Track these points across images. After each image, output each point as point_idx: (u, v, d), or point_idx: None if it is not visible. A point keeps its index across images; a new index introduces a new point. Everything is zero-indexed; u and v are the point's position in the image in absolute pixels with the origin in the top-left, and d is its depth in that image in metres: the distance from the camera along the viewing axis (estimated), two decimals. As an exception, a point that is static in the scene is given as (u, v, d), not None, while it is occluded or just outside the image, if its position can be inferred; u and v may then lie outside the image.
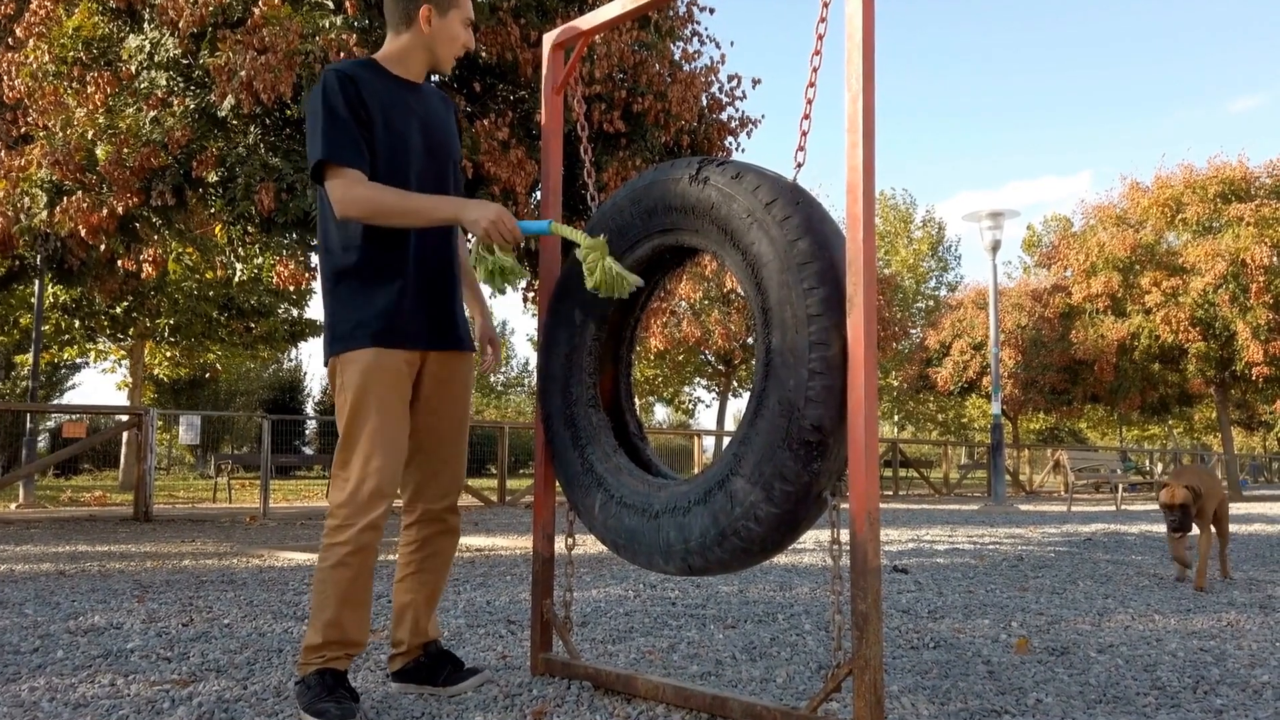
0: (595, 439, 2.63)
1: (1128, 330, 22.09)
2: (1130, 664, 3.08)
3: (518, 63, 6.92)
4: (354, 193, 2.35)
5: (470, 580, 5.04)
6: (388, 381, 2.41)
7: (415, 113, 2.52)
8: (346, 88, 2.40)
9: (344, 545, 2.36)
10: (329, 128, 2.37)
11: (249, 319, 21.29)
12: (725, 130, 8.09)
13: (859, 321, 2.08)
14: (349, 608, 2.37)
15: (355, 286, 2.45)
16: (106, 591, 4.57)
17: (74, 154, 6.99)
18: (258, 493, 12.58)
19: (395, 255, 2.45)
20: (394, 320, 2.43)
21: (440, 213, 2.37)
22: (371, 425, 2.38)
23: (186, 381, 28.50)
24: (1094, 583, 5.22)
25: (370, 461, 2.36)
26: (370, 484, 2.36)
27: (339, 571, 2.36)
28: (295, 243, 7.58)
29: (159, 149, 6.74)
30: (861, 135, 2.11)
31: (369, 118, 2.42)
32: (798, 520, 2.20)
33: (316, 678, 2.34)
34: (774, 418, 2.16)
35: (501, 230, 2.34)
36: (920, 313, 36.19)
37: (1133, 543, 8.04)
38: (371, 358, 2.41)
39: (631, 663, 3.03)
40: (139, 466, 10.09)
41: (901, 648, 3.32)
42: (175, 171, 6.86)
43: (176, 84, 6.92)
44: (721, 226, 2.33)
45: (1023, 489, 23.82)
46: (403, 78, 2.54)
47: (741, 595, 4.54)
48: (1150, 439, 42.24)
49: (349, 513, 2.36)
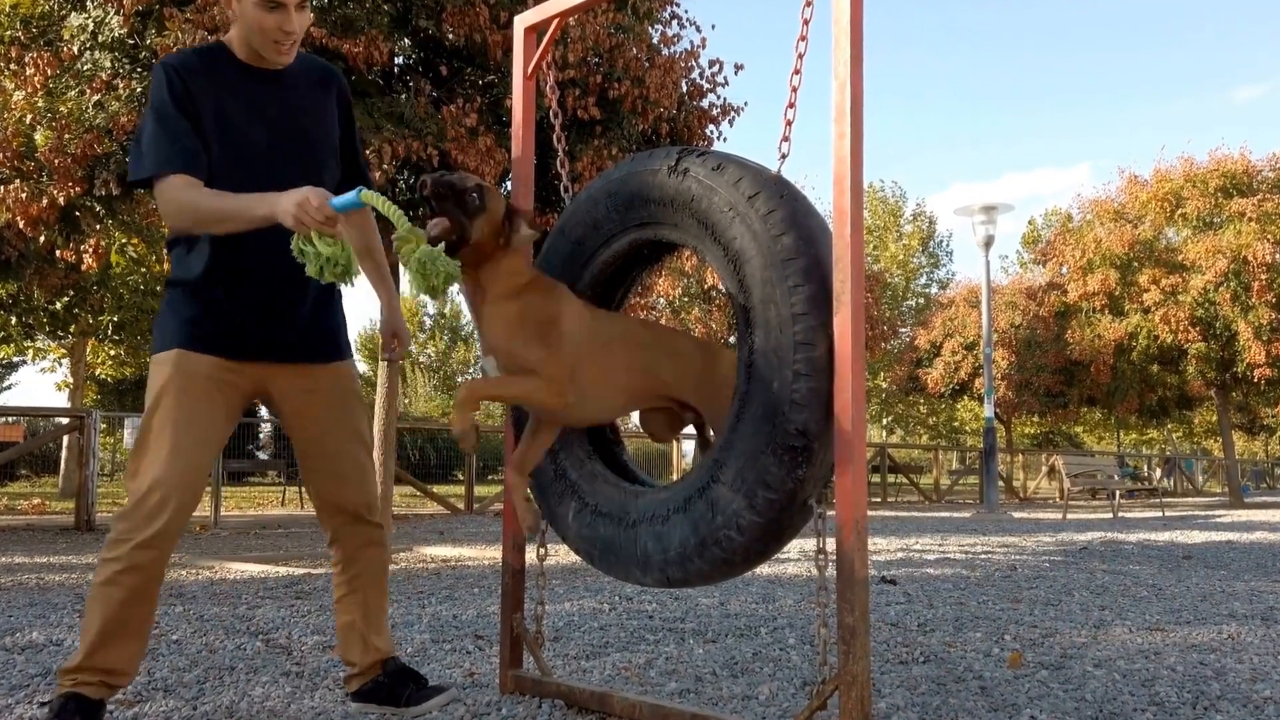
0: (568, 443, 2.63)
1: (1125, 330, 22.31)
2: (1128, 679, 3.12)
3: (487, 45, 6.90)
4: (174, 202, 2.27)
5: (436, 593, 5.02)
6: (189, 388, 2.32)
7: (264, 103, 2.40)
8: (173, 83, 2.31)
9: (116, 562, 2.24)
10: (153, 130, 2.29)
11: (199, 315, 21.10)
12: (706, 118, 8.11)
13: (846, 320, 2.09)
14: (114, 634, 2.25)
15: (180, 292, 2.39)
16: (45, 606, 4.52)
17: (11, 140, 6.90)
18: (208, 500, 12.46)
19: (231, 261, 2.36)
20: (208, 326, 2.36)
21: (257, 212, 2.21)
22: (164, 433, 2.28)
23: (131, 382, 28.19)
24: (1090, 594, 5.27)
25: (156, 471, 2.26)
26: (155, 496, 2.25)
27: (108, 590, 2.25)
28: (249, 234, 7.54)
29: (103, 135, 6.67)
30: (849, 125, 2.12)
31: (198, 112, 2.31)
32: (782, 529, 2.21)
33: (60, 703, 2.23)
34: (757, 421, 2.16)
35: (310, 213, 2.13)
36: (910, 311, 36.39)
37: (1130, 552, 8.13)
38: (173, 362, 2.33)
39: (606, 680, 3.03)
40: (80, 472, 9.99)
41: (890, 662, 3.34)
42: (120, 159, 6.79)
43: (122, 65, 6.85)
44: (702, 220, 2.34)
45: (1016, 496, 24.02)
46: (252, 65, 2.41)
47: (722, 608, 4.55)
48: (1148, 443, 42.70)
49: (127, 527, 2.25)
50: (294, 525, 10.87)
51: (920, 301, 37.56)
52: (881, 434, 42.19)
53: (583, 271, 2.63)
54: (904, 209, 39.78)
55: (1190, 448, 43.96)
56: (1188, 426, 39.07)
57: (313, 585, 5.33)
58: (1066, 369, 24.00)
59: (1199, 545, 8.92)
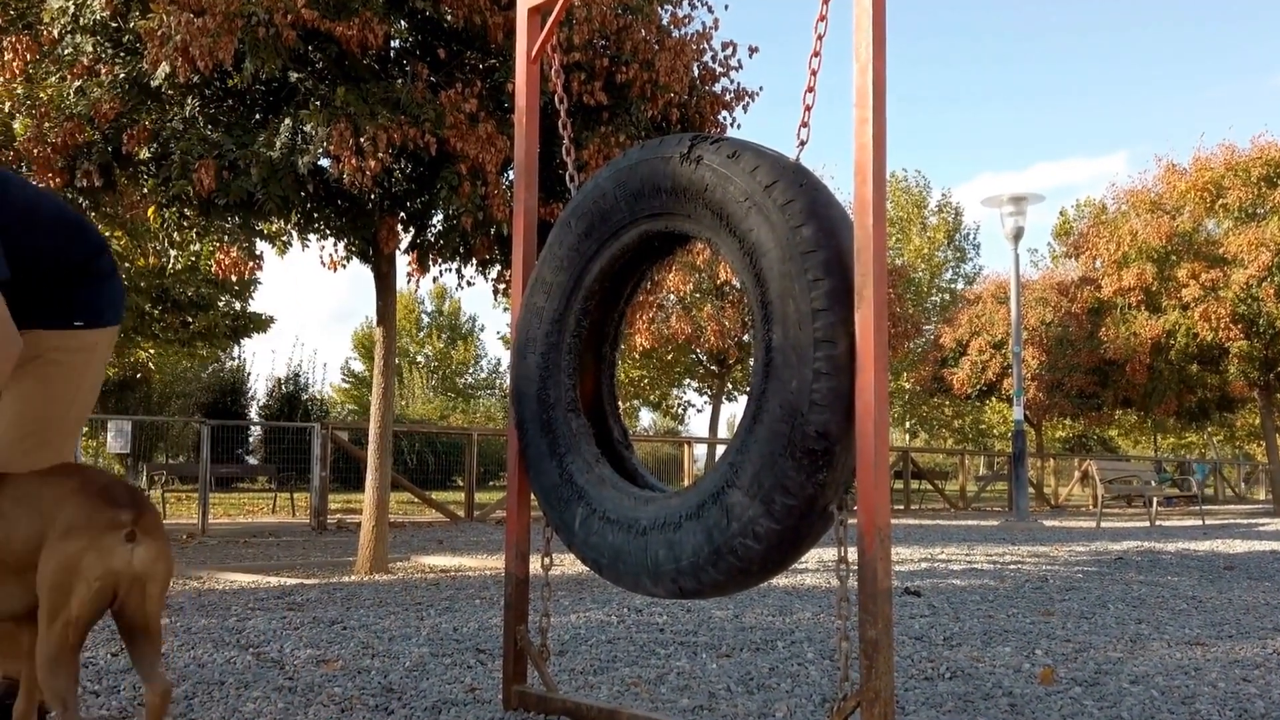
0: (575, 447, 2.63)
1: (1163, 327, 22.24)
2: (1166, 696, 3.11)
3: (488, 27, 6.90)
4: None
5: (435, 604, 5.03)
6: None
7: None
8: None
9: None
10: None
11: (185, 313, 21.14)
12: (719, 104, 8.09)
13: (868, 317, 2.09)
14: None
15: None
16: (25, 618, 4.54)
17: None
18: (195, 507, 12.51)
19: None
20: None
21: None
22: None
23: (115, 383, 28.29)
24: (1126, 606, 5.26)
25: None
26: None
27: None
28: (238, 227, 7.54)
29: (84, 123, 6.69)
30: (871, 110, 2.12)
31: None
32: (800, 537, 2.21)
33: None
34: (774, 423, 2.16)
35: None
36: (935, 308, 36.33)
37: (1169, 562, 8.10)
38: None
39: (615, 695, 3.03)
40: (61, 478, 10.03)
41: (914, 678, 3.34)
42: (103, 149, 6.81)
43: (104, 50, 6.86)
44: (716, 211, 2.34)
45: (1047, 503, 23.96)
46: None
47: (737, 621, 4.55)
48: (1187, 447, 42.56)
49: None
50: (285, 533, 10.90)
51: (945, 297, 37.50)
52: (905, 437, 42.13)
53: (590, 265, 2.63)
54: (929, 200, 39.73)
55: (1232, 452, 43.80)
56: (1229, 430, 38.90)
57: (305, 596, 5.35)
58: (1100, 369, 23.92)
59: (1242, 555, 8.89)
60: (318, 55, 6.50)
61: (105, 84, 6.73)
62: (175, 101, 6.90)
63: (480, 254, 7.02)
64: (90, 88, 6.76)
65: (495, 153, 6.77)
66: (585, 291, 2.65)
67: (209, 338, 22.22)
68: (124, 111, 6.75)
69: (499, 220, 6.54)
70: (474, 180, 6.75)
